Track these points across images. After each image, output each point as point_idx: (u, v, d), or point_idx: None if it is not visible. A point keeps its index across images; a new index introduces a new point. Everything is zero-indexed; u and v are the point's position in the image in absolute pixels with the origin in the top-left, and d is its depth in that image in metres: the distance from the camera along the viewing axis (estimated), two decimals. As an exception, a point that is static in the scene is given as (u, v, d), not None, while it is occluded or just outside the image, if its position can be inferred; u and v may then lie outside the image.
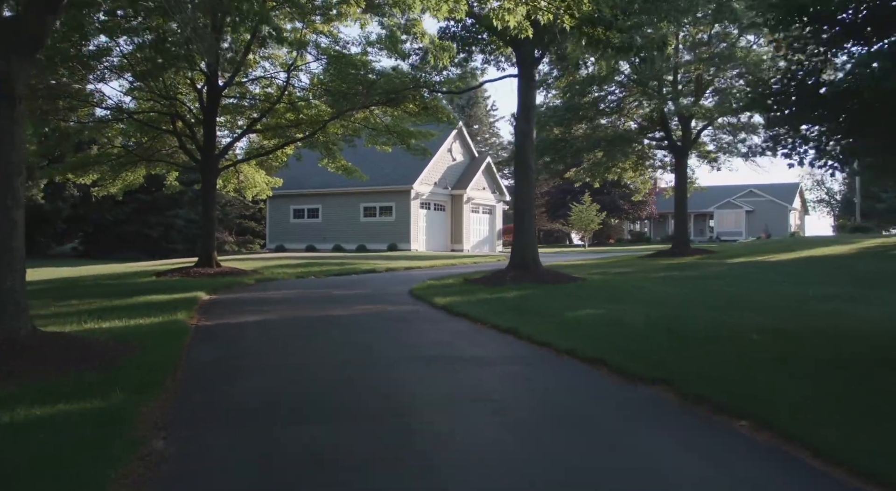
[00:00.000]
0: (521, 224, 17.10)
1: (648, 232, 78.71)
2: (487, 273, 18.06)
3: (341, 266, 24.48)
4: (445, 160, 40.80)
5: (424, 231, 39.20)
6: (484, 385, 6.50)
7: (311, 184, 41.56)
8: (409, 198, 37.80)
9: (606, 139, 26.70)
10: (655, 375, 6.53)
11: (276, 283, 18.45)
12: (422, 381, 6.66)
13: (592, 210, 52.79)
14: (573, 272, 18.39)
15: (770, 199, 72.90)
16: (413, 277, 20.36)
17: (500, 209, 45.19)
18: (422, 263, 26.76)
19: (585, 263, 24.67)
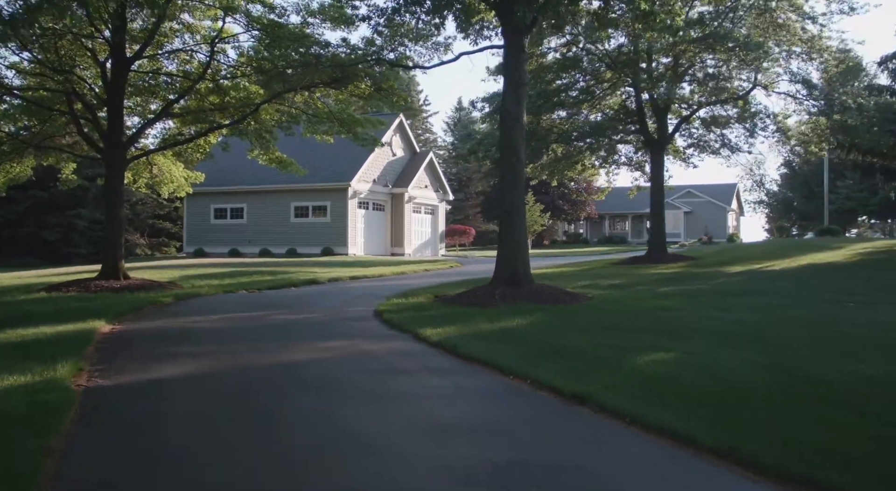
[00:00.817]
0: (510, 227, 14.14)
1: (585, 233, 77.12)
2: (463, 288, 15.02)
3: (275, 276, 21.04)
4: (385, 155, 37.52)
5: (363, 233, 35.82)
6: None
7: (236, 180, 37.59)
8: (346, 196, 34.36)
9: (581, 130, 23.98)
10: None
11: (199, 301, 14.95)
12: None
13: (536, 210, 50.39)
14: (559, 285, 15.51)
15: (708, 200, 72.34)
16: (367, 290, 17.16)
17: (443, 209, 42.21)
18: (367, 271, 23.52)
19: (555, 272, 21.88)
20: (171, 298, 14.91)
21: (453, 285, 17.09)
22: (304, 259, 30.95)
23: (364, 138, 20.58)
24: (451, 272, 24.75)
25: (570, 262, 28.52)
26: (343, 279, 21.12)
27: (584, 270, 21.91)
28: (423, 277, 21.92)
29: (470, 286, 15.08)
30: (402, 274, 24.13)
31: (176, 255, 42.21)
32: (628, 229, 78.08)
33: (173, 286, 18.09)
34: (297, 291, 17.51)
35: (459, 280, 19.00)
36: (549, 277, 18.62)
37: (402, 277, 22.03)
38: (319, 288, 18.62)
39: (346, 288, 18.33)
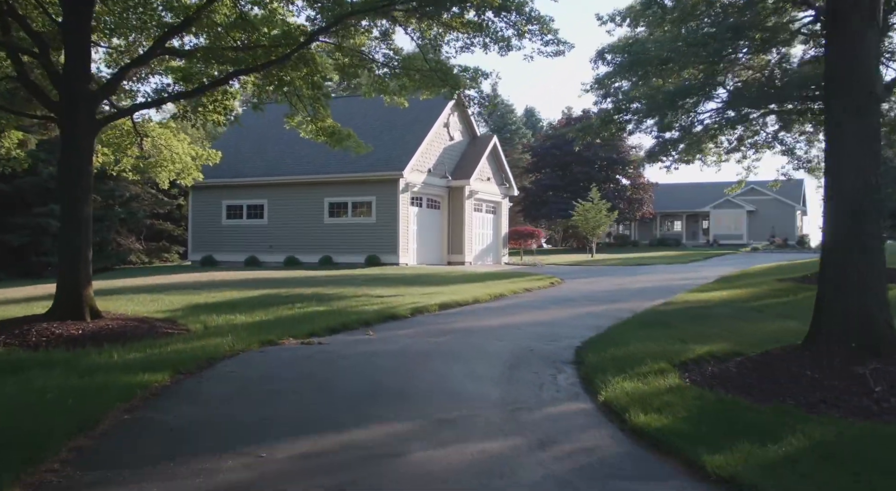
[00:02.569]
0: (856, 235, 7.01)
1: (632, 235, 69.74)
2: (751, 351, 8.05)
3: (326, 303, 14.50)
4: (441, 139, 30.37)
5: (416, 237, 28.65)
6: None
7: (253, 170, 30.52)
8: (396, 190, 27.22)
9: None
10: None
11: (223, 376, 8.20)
12: None
13: (603, 208, 43.11)
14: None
15: (775, 198, 64.76)
16: (497, 335, 10.55)
17: (506, 207, 34.98)
18: (452, 294, 16.63)
19: (741, 297, 14.74)
20: (169, 371, 7.77)
21: (644, 328, 10.07)
22: (348, 273, 23.77)
23: (469, 99, 13.44)
24: (567, 293, 17.61)
25: (716, 280, 21.16)
26: (430, 309, 14.08)
27: (799, 302, 14.64)
28: (547, 305, 14.83)
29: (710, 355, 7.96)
30: (501, 296, 17.05)
31: (180, 263, 35.14)
32: (682, 230, 70.84)
33: (172, 328, 11.11)
34: (383, 340, 10.50)
35: (611, 311, 11.99)
36: (703, 308, 11.45)
37: (511, 308, 15.00)
38: (408, 330, 11.57)
39: (451, 329, 11.41)
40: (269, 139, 32.17)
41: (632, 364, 7.92)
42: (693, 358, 8.25)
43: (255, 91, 14.16)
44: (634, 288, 18.73)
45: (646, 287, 18.89)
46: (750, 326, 10.69)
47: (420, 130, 28.84)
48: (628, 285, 19.71)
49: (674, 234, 70.97)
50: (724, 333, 10.04)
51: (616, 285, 19.74)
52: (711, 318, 11.67)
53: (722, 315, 11.95)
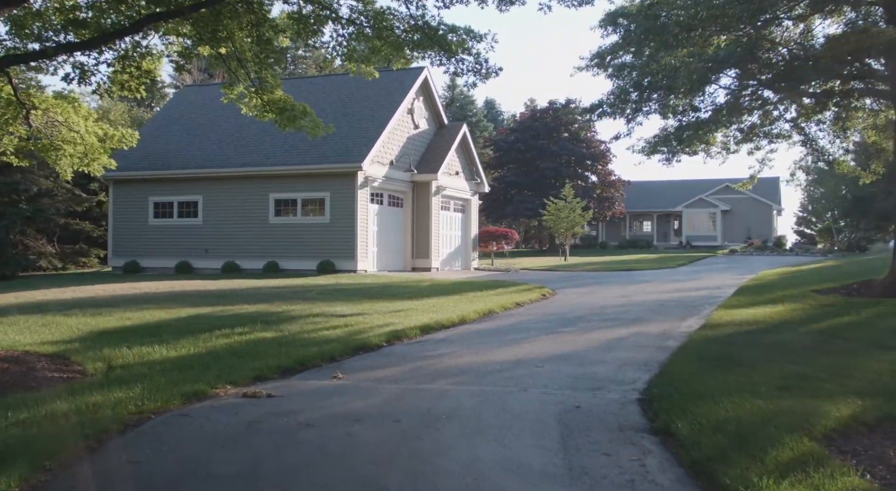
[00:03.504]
0: None
1: (600, 235, 67.91)
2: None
3: (275, 329, 11.87)
4: (405, 127, 27.63)
5: (376, 239, 25.82)
6: None
7: (185, 161, 27.39)
8: (353, 185, 24.40)
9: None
10: None
11: (120, 476, 5.15)
12: None
13: (577, 207, 40.92)
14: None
15: (751, 197, 63.47)
16: (514, 369, 7.78)
17: (476, 205, 32.38)
18: (433, 313, 14.18)
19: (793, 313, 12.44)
20: (21, 469, 4.92)
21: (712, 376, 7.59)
22: (298, 282, 20.90)
23: (466, 67, 10.85)
24: (567, 308, 15.09)
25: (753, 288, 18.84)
26: (409, 334, 11.48)
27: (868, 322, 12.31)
28: (555, 327, 12.30)
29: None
30: (491, 314, 14.50)
31: (100, 268, 31.70)
32: (652, 231, 69.27)
33: (60, 371, 8.37)
34: (359, 390, 7.90)
35: (641, 337, 9.51)
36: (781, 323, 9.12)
37: (512, 331, 12.46)
38: (389, 369, 9.01)
39: (448, 369, 8.92)
40: (205, 126, 29.03)
41: (753, 439, 5.38)
42: (839, 427, 5.73)
43: (184, 51, 11.29)
44: (645, 301, 16.30)
45: (659, 300, 16.47)
46: (854, 362, 8.25)
47: (381, 117, 26.06)
48: (634, 297, 17.29)
49: (644, 235, 69.33)
50: (831, 376, 7.58)
51: (619, 297, 17.30)
52: (789, 349, 9.22)
53: (799, 345, 9.51)
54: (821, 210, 72.19)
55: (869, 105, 17.92)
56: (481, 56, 11.24)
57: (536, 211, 53.95)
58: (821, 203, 70.60)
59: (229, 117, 28.19)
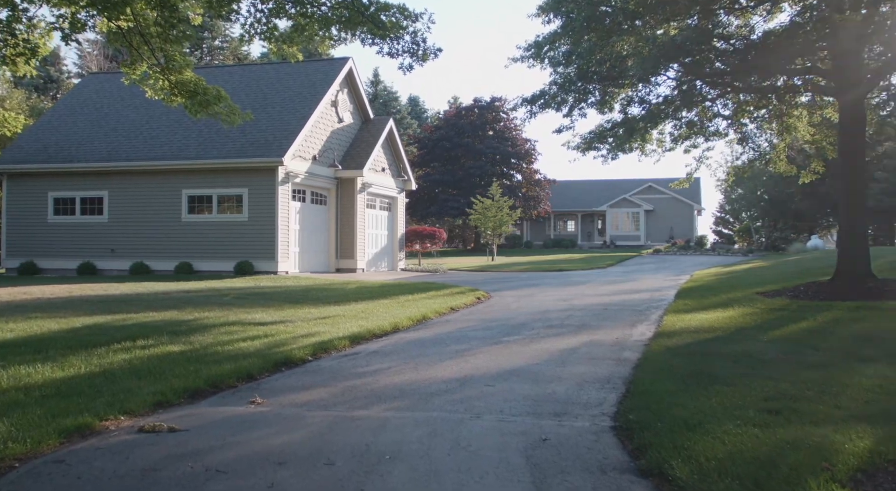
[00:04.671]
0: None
1: (524, 235, 67.61)
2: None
3: (184, 341, 10.64)
4: (329, 121, 26.26)
5: (298, 238, 24.39)
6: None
7: (89, 153, 25.41)
8: (274, 180, 22.93)
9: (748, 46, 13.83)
10: None
11: None
12: None
13: (505, 206, 40.28)
14: None
15: (674, 197, 64.39)
16: (462, 389, 6.76)
17: (403, 203, 31.19)
18: (364, 320, 13.16)
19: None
20: None
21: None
22: (214, 285, 19.38)
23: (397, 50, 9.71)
24: (507, 313, 14.14)
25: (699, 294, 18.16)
26: (339, 346, 10.37)
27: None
28: (498, 336, 11.30)
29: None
30: (426, 320, 13.48)
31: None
32: (576, 230, 69.41)
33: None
34: (281, 420, 6.76)
35: (594, 347, 8.67)
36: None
37: (451, 340, 11.42)
38: (317, 391, 7.92)
39: (385, 389, 7.91)
40: (111, 116, 27.04)
41: (771, 486, 4.43)
42: (862, 466, 4.83)
43: (76, 22, 9.81)
44: (587, 305, 15.47)
45: (602, 304, 15.67)
46: (837, 377, 7.45)
47: (303, 109, 24.64)
48: (575, 301, 16.45)
49: (568, 234, 69.45)
50: (819, 395, 6.76)
51: (560, 301, 16.43)
52: (760, 362, 8.40)
53: (768, 357, 8.71)
54: (738, 210, 73.60)
55: (808, 102, 17.54)
56: (419, 35, 10.10)
57: (462, 210, 53.21)
58: (739, 203, 71.89)
59: (138, 107, 26.33)
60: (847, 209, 14.74)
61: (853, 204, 14.61)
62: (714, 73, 15.58)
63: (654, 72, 13.05)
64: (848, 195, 14.63)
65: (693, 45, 12.48)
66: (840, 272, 14.63)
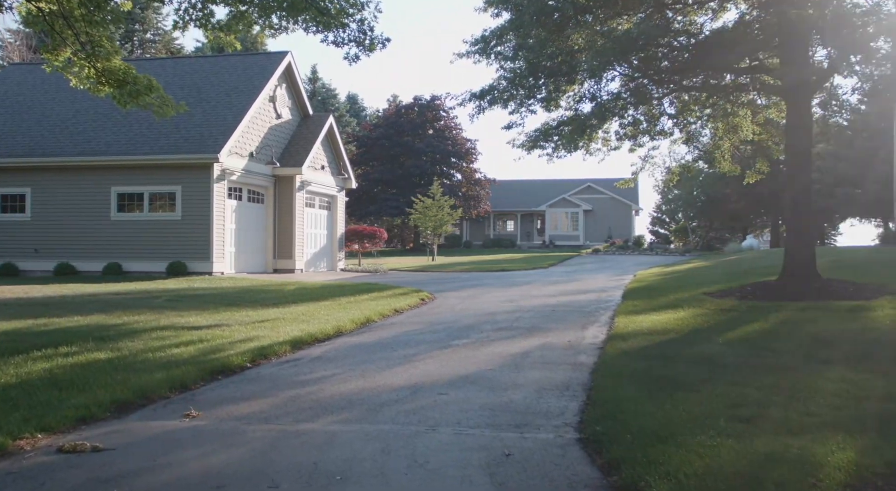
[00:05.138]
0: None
1: (464, 234, 67.39)
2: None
3: (105, 341, 9.95)
4: (267, 116, 25.49)
5: (234, 238, 23.58)
6: None
7: (9, 148, 24.21)
8: (209, 178, 22.11)
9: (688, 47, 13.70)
10: None
11: None
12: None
13: (445, 206, 39.98)
14: None
15: (612, 197, 65.07)
16: (415, 398, 6.40)
17: (342, 202, 30.53)
18: (312, 318, 12.60)
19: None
20: None
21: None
22: (145, 287, 18.53)
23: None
24: (454, 315, 13.76)
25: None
26: (279, 351, 9.88)
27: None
28: (446, 339, 10.92)
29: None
30: (370, 323, 12.99)
31: None
32: (516, 230, 69.53)
33: None
34: (218, 435, 6.26)
35: (546, 351, 8.39)
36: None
37: (398, 344, 10.99)
38: (257, 402, 7.39)
39: (331, 398, 7.47)
40: (35, 109, 25.76)
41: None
42: (850, 481, 4.55)
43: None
44: (534, 307, 15.17)
45: (549, 305, 15.39)
46: (801, 382, 7.23)
47: (240, 104, 23.83)
48: (521, 302, 16.14)
49: (508, 234, 69.50)
50: (787, 401, 6.53)
51: (506, 302, 16.10)
52: (720, 366, 8.16)
53: (727, 361, 8.47)
54: (675, 211, 74.73)
55: (754, 101, 17.56)
56: (366, 23, 9.60)
57: (401, 209, 52.67)
58: (675, 204, 72.95)
59: (64, 100, 25.14)
60: (793, 209, 14.75)
61: (800, 204, 14.63)
62: (665, 70, 15.44)
63: (609, 66, 12.78)
64: (794, 195, 14.64)
65: (649, 39, 12.26)
66: (787, 272, 14.63)
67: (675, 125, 19.38)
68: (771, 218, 56.49)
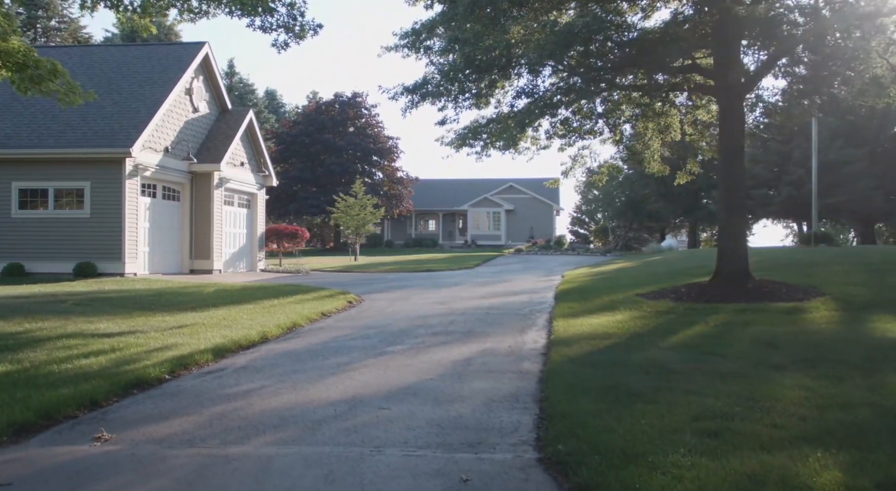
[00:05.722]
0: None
1: (385, 234, 66.71)
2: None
3: (2, 352, 8.51)
4: (183, 110, 24.34)
5: (148, 237, 22.39)
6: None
7: None
8: (121, 173, 20.91)
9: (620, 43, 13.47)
10: None
11: None
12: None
13: (368, 204, 39.29)
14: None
15: (534, 197, 65.47)
16: (353, 413, 5.83)
17: (263, 200, 29.49)
18: (235, 323, 11.86)
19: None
20: None
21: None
22: (50, 289, 17.32)
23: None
24: (385, 319, 13.19)
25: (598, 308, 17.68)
26: (201, 361, 9.24)
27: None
28: (379, 345, 10.36)
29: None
30: (296, 327, 12.35)
31: None
32: (438, 230, 69.23)
33: None
34: (134, 463, 5.56)
35: (489, 356, 8.03)
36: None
37: (329, 352, 10.42)
38: (177, 420, 6.71)
39: (261, 415, 6.84)
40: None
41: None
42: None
43: None
44: (467, 309, 14.72)
45: (481, 308, 14.96)
46: (759, 390, 6.96)
47: (154, 96, 22.65)
48: (453, 304, 15.67)
49: (430, 233, 69.14)
50: (748, 411, 6.24)
51: (437, 305, 15.61)
52: (672, 373, 7.84)
53: (677, 367, 8.14)
54: (594, 211, 75.76)
55: (686, 102, 17.56)
56: (296, 7, 8.94)
57: (322, 208, 51.62)
58: (595, 204, 73.93)
59: (-40, 89, 23.42)
60: (726, 209, 14.72)
61: (732, 204, 14.60)
62: (602, 68, 15.17)
63: (549, 60, 12.38)
64: (727, 195, 14.60)
65: (590, 33, 11.93)
66: (720, 273, 14.58)
67: (606, 124, 19.26)
68: (689, 219, 57.67)
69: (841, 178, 40.31)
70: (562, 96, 14.22)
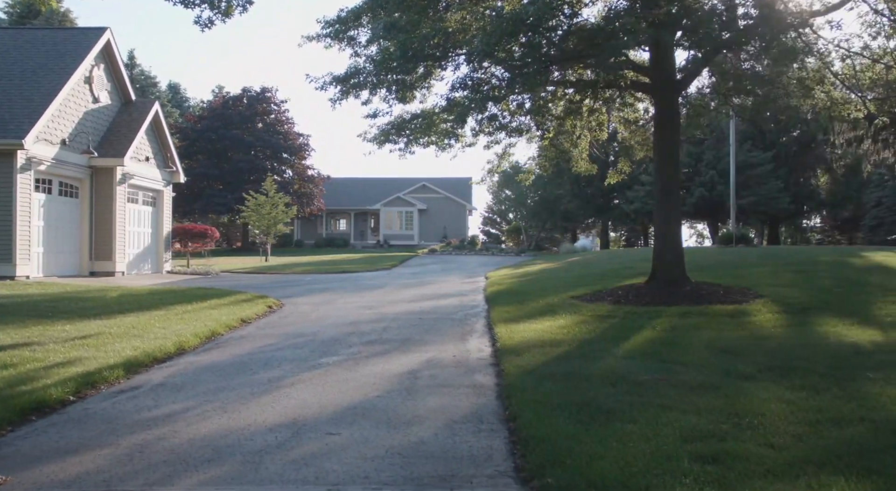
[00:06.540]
0: None
1: (296, 233, 65.16)
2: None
3: None
4: (83, 100, 22.66)
5: (43, 237, 20.70)
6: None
7: None
8: (12, 167, 19.23)
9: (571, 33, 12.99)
10: None
11: None
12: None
13: (280, 203, 38.03)
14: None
15: (447, 196, 65.18)
16: (296, 440, 5.01)
17: (169, 197, 27.89)
18: (145, 332, 10.91)
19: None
20: None
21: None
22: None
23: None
24: (311, 326, 12.32)
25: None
26: (111, 378, 8.25)
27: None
28: (310, 356, 9.53)
29: None
30: (216, 336, 11.40)
31: None
32: (349, 229, 68.07)
33: None
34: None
35: (435, 368, 7.44)
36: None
37: (255, 364, 9.53)
38: (86, 455, 5.73)
39: (185, 445, 5.89)
40: None
41: None
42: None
43: None
44: (399, 314, 13.96)
45: (413, 312, 14.23)
46: (736, 403, 6.49)
47: (50, 84, 20.95)
48: (382, 309, 14.90)
49: (341, 233, 67.92)
50: (735, 429, 5.76)
51: (365, 309, 14.80)
52: (639, 385, 7.31)
53: (642, 378, 7.61)
54: (506, 211, 75.91)
55: (619, 100, 17.24)
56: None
57: (229, 206, 49.85)
58: (507, 204, 74.05)
59: None
60: (661, 210, 14.43)
61: (667, 205, 14.32)
62: (546, 58, 14.59)
63: (496, 47, 11.70)
64: (663, 196, 14.30)
65: (539, 21, 11.33)
66: (656, 275, 14.28)
67: (534, 121, 18.78)
68: (601, 219, 58.36)
69: (750, 180, 41.35)
70: (505, 90, 13.56)
